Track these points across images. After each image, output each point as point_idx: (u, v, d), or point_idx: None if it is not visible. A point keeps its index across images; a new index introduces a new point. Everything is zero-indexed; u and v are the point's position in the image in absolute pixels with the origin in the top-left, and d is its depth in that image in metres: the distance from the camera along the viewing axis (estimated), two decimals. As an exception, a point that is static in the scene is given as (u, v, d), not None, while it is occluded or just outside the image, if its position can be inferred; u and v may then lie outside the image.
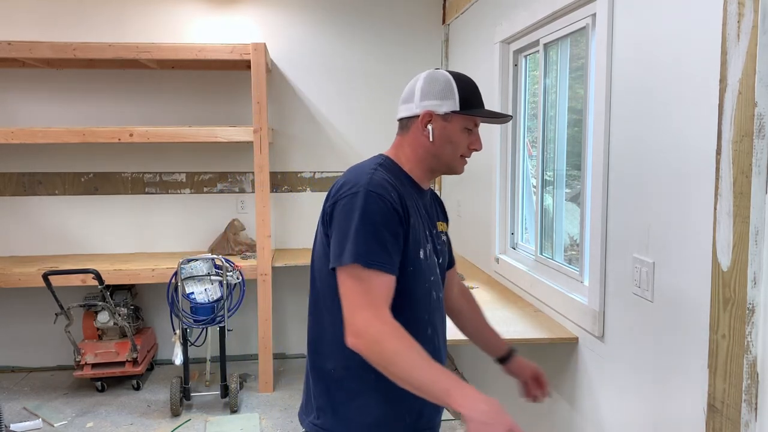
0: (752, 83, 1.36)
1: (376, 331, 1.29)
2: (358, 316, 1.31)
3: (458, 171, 1.57)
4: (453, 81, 1.51)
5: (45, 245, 4.20)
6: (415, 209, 1.49)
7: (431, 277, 1.52)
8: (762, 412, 1.41)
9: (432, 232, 1.58)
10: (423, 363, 1.27)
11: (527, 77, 3.12)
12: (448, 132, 1.51)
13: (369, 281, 1.33)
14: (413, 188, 1.54)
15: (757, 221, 1.37)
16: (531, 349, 2.84)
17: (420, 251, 1.47)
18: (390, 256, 1.37)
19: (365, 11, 4.29)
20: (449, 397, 1.24)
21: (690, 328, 1.64)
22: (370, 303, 1.32)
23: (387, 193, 1.40)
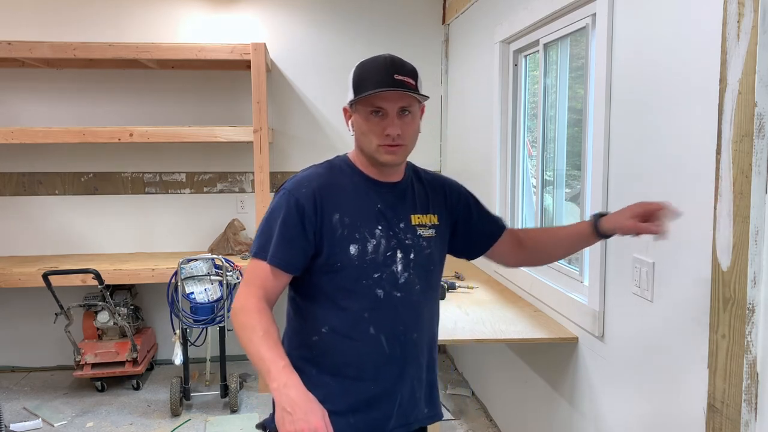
0: (752, 83, 1.36)
1: (238, 306, 1.42)
2: (239, 290, 1.46)
3: (384, 161, 1.47)
4: (354, 69, 1.50)
5: (45, 245, 4.20)
6: (355, 204, 1.48)
7: (375, 275, 1.47)
8: (762, 411, 1.41)
9: (395, 227, 1.50)
10: (257, 341, 1.34)
11: (527, 77, 3.12)
12: (357, 123, 1.49)
13: (255, 267, 1.46)
14: (365, 183, 1.51)
15: (757, 221, 1.37)
16: (531, 349, 2.85)
17: (351, 246, 1.45)
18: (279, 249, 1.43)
19: (365, 11, 4.29)
20: (268, 375, 1.30)
21: (690, 328, 1.64)
22: (246, 284, 1.45)
23: (298, 190, 1.46)
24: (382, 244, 1.48)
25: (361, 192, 1.50)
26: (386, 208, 1.51)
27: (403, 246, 1.51)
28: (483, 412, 3.55)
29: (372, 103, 1.44)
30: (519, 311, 2.67)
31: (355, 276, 1.46)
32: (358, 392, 1.50)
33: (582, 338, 2.30)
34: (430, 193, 1.63)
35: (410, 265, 1.52)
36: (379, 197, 1.51)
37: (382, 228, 1.49)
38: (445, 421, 3.42)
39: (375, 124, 1.45)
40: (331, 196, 1.46)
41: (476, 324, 2.47)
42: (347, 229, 1.45)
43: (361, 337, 1.48)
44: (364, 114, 1.46)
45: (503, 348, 3.22)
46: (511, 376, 3.11)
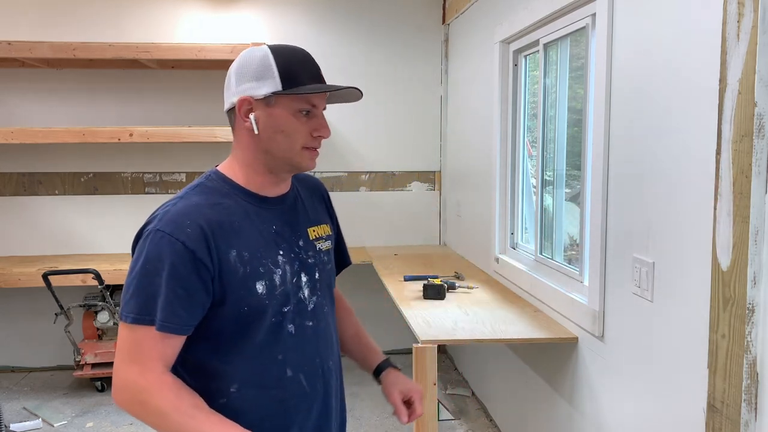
0: (752, 83, 1.36)
1: (137, 390, 1.14)
2: (120, 372, 1.16)
3: (304, 166, 1.27)
4: (271, 55, 1.23)
5: (45, 245, 4.20)
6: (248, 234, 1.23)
7: (285, 308, 1.25)
8: (762, 411, 1.41)
9: (295, 247, 1.30)
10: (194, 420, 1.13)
11: (527, 77, 3.12)
12: (276, 119, 1.22)
13: (136, 337, 1.16)
14: (252, 203, 1.26)
15: (757, 221, 1.37)
16: (531, 349, 2.85)
17: (258, 284, 1.21)
18: (169, 308, 1.14)
19: (365, 11, 4.29)
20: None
21: (690, 328, 1.64)
22: (134, 359, 1.15)
23: (180, 231, 1.16)
24: (287, 271, 1.26)
25: (252, 215, 1.25)
26: (282, 227, 1.29)
27: (307, 266, 1.31)
28: (483, 412, 3.56)
29: (308, 100, 1.24)
30: (519, 311, 2.67)
31: (267, 316, 1.23)
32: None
33: (582, 338, 2.30)
34: (313, 199, 1.43)
35: (317, 287, 1.33)
36: (273, 216, 1.29)
37: (283, 252, 1.27)
38: (445, 421, 3.42)
39: (303, 123, 1.24)
40: (221, 231, 1.19)
41: (476, 324, 2.47)
42: (249, 266, 1.21)
43: (279, 384, 1.26)
44: (291, 110, 1.22)
45: (503, 348, 3.22)
46: (511, 376, 3.11)
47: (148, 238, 1.19)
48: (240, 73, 1.25)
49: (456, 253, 4.09)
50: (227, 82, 1.29)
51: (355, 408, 3.62)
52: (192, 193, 1.25)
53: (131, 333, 1.16)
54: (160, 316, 1.15)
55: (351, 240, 1.70)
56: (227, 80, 1.29)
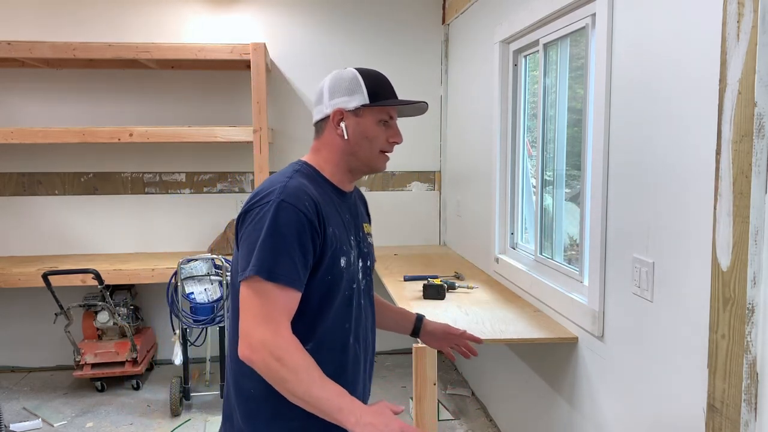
0: (752, 83, 1.36)
1: (275, 347, 1.26)
2: (257, 330, 1.28)
3: (379, 168, 1.53)
4: (359, 75, 1.49)
5: (45, 245, 4.20)
6: (336, 216, 1.45)
7: (353, 285, 1.48)
8: (762, 411, 1.41)
9: (358, 237, 1.54)
10: (319, 381, 1.27)
11: (527, 77, 3.12)
12: (362, 127, 1.48)
13: (270, 295, 1.30)
14: (334, 193, 1.50)
15: (757, 221, 1.37)
16: (531, 349, 2.85)
17: (341, 259, 1.43)
18: (296, 270, 1.32)
19: (365, 11, 4.29)
20: (341, 413, 1.25)
21: (690, 328, 1.64)
22: (269, 317, 1.28)
23: (300, 203, 1.35)
24: (352, 255, 1.49)
25: (335, 202, 1.49)
26: (350, 218, 1.53)
27: (363, 254, 1.55)
28: (483, 411, 3.56)
29: (388, 112, 1.49)
30: (519, 311, 2.67)
31: (343, 288, 1.44)
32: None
33: (582, 338, 2.30)
34: (359, 203, 1.67)
35: (367, 272, 1.57)
36: (345, 207, 1.53)
37: (353, 238, 1.51)
38: (445, 421, 3.42)
39: (382, 131, 1.49)
40: (324, 209, 1.41)
41: (476, 324, 2.47)
42: (338, 242, 1.43)
43: (344, 349, 1.47)
44: (375, 120, 1.48)
45: (503, 348, 3.22)
46: (511, 376, 3.11)
47: (273, 206, 1.34)
48: (333, 90, 1.49)
49: (456, 253, 4.09)
50: (318, 97, 1.53)
51: (355, 408, 3.62)
52: (297, 175, 1.45)
53: (262, 290, 1.30)
54: (288, 274, 1.31)
55: None
56: (318, 96, 1.53)
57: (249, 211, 1.38)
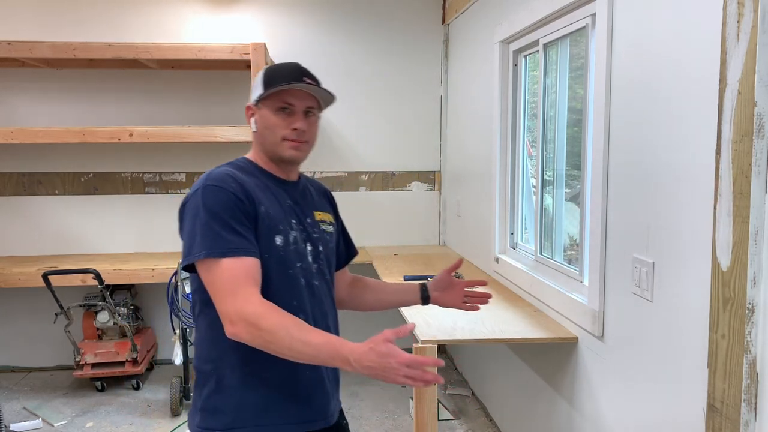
0: (752, 83, 1.36)
1: (250, 313, 1.31)
2: (229, 304, 1.33)
3: (285, 156, 1.54)
4: (263, 70, 1.56)
5: (45, 245, 4.20)
6: (269, 199, 1.50)
7: (298, 264, 1.51)
8: (761, 411, 1.41)
9: (304, 222, 1.58)
10: (300, 336, 1.30)
11: (527, 77, 3.12)
12: (263, 118, 1.53)
13: (228, 269, 1.35)
14: (270, 180, 1.56)
15: (757, 221, 1.37)
16: (531, 349, 2.85)
17: (277, 237, 1.48)
18: (242, 238, 1.39)
19: (365, 11, 4.29)
20: (334, 361, 1.29)
21: (689, 328, 1.64)
22: (235, 290, 1.34)
23: (226, 184, 1.43)
24: (293, 235, 1.53)
25: (272, 188, 1.54)
26: (295, 203, 1.58)
27: (312, 239, 1.58)
28: (483, 411, 3.56)
29: (282, 99, 1.51)
30: (519, 311, 2.67)
31: (282, 266, 1.48)
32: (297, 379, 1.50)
33: (582, 338, 2.30)
34: (319, 195, 1.72)
35: (319, 257, 1.59)
36: (288, 194, 1.58)
37: (295, 221, 1.55)
38: (445, 421, 3.42)
39: (282, 119, 1.52)
40: (253, 190, 1.47)
41: (476, 324, 2.47)
42: (272, 221, 1.48)
43: None
44: (271, 109, 1.52)
45: (503, 348, 3.22)
46: (511, 376, 3.11)
47: (201, 192, 1.42)
48: (252, 89, 1.59)
49: (456, 253, 4.09)
50: None
51: (355, 408, 3.62)
52: (225, 166, 1.53)
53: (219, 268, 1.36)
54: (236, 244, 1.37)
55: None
56: None
57: (183, 205, 1.47)
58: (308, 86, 1.51)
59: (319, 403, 1.56)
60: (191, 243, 1.40)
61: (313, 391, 1.54)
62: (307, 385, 1.53)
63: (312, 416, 1.54)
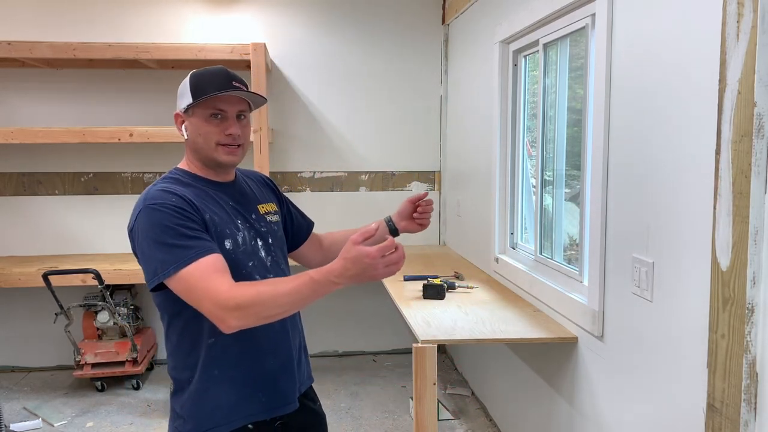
0: (751, 83, 1.36)
1: (228, 303, 1.35)
2: (209, 305, 1.37)
3: (222, 161, 1.56)
4: (188, 78, 1.57)
5: (45, 245, 4.20)
6: (212, 205, 1.54)
7: (250, 263, 1.56)
8: (761, 411, 1.41)
9: (250, 218, 1.62)
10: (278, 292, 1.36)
11: (527, 77, 3.12)
12: (194, 125, 1.55)
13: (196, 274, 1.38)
14: (208, 186, 1.59)
15: (757, 221, 1.37)
16: (531, 349, 2.85)
17: (226, 242, 1.52)
18: (197, 240, 1.42)
19: (365, 11, 4.29)
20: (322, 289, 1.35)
21: (689, 328, 1.65)
22: (208, 287, 1.37)
23: (164, 200, 1.46)
24: (246, 235, 1.58)
25: (211, 194, 1.57)
26: (236, 203, 1.62)
27: (260, 233, 1.63)
28: (482, 411, 3.56)
29: (214, 105, 1.53)
30: (519, 311, 2.67)
31: (235, 269, 1.50)
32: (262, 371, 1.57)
33: (581, 338, 2.30)
34: (259, 186, 1.77)
35: (270, 249, 1.64)
36: (227, 196, 1.61)
37: (240, 222, 1.59)
38: (445, 421, 3.42)
39: (215, 126, 1.54)
40: (196, 199, 1.50)
41: (476, 324, 2.48)
42: (218, 227, 1.51)
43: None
44: (203, 117, 1.54)
45: (503, 348, 3.22)
46: (511, 376, 3.11)
47: (143, 214, 1.46)
48: (178, 97, 1.60)
49: (456, 253, 4.09)
50: None
51: (355, 408, 3.62)
52: (162, 182, 1.56)
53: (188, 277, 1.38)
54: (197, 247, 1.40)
55: None
56: None
57: (131, 231, 1.52)
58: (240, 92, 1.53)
59: (285, 388, 1.63)
60: (154, 264, 1.42)
61: (278, 378, 1.61)
62: (273, 373, 1.60)
63: (280, 402, 1.62)
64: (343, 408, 3.60)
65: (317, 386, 1.84)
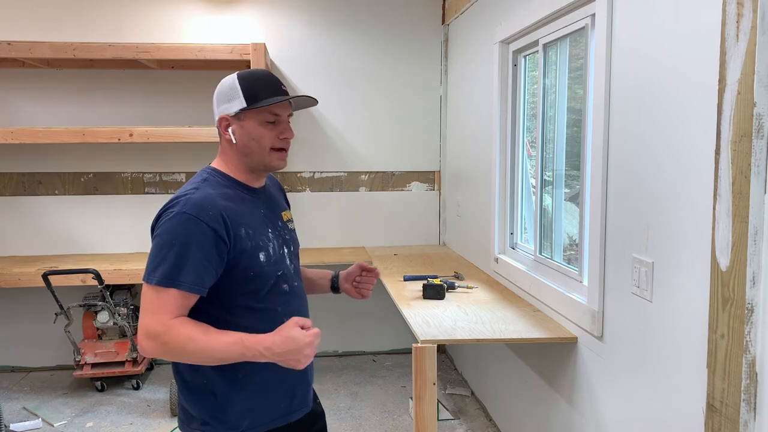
0: (751, 83, 1.36)
1: (160, 330, 1.39)
2: (145, 321, 1.41)
3: (275, 165, 1.59)
4: (237, 80, 1.56)
5: (45, 245, 4.20)
6: (250, 214, 1.56)
7: (279, 272, 1.59)
8: (761, 411, 1.41)
9: (277, 226, 1.65)
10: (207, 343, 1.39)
11: (526, 77, 3.12)
12: (247, 130, 1.55)
13: (168, 297, 1.42)
14: (246, 192, 1.60)
15: (756, 221, 1.37)
16: (530, 349, 2.85)
17: (260, 254, 1.54)
18: (199, 276, 1.43)
19: (365, 11, 4.29)
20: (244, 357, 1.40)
21: (689, 328, 1.65)
22: (157, 309, 1.41)
23: (203, 213, 1.45)
24: (275, 245, 1.60)
25: (247, 201, 1.59)
26: (267, 211, 1.64)
27: (286, 241, 1.66)
28: (482, 411, 3.56)
29: (270, 111, 1.55)
30: (518, 311, 2.67)
31: (268, 279, 1.55)
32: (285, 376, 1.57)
33: (581, 338, 2.30)
34: (277, 192, 1.80)
35: (293, 257, 1.69)
36: (260, 202, 1.63)
37: (271, 230, 1.61)
38: (445, 421, 3.42)
39: (270, 130, 1.56)
40: (233, 213, 1.51)
41: (476, 324, 2.48)
42: (253, 240, 1.53)
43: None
44: (258, 121, 1.54)
45: (503, 348, 3.22)
46: (511, 376, 3.12)
47: (175, 218, 1.45)
48: (218, 98, 1.59)
49: (456, 253, 4.09)
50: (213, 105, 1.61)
51: (355, 408, 3.62)
52: (204, 185, 1.53)
53: (156, 293, 1.42)
54: (187, 280, 1.42)
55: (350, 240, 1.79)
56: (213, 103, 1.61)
57: (159, 218, 1.50)
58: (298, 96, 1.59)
59: (302, 393, 1.66)
60: (152, 263, 1.44)
61: (297, 385, 1.64)
62: (294, 380, 1.62)
63: (296, 406, 1.65)
64: (343, 408, 3.61)
65: (317, 386, 1.86)
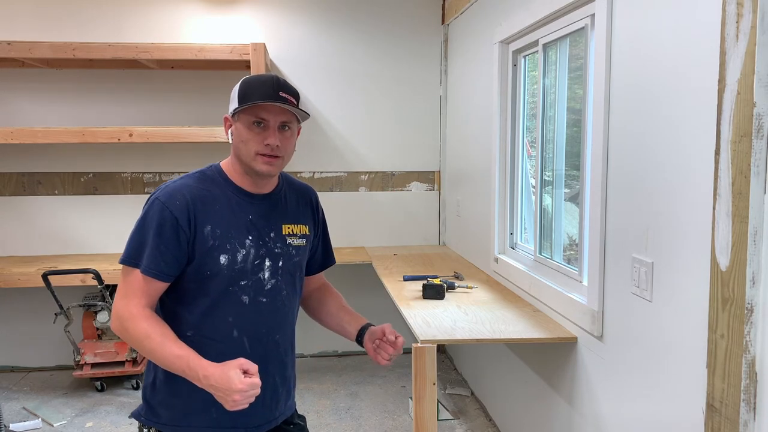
0: (751, 83, 1.36)
1: (124, 319, 1.47)
2: (116, 303, 1.50)
3: (258, 170, 1.54)
4: (240, 81, 1.57)
5: (45, 245, 4.20)
6: (225, 216, 1.54)
7: (242, 282, 1.56)
8: (761, 411, 1.41)
9: (266, 237, 1.59)
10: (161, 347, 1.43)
11: (526, 77, 3.12)
12: (238, 131, 1.55)
13: (132, 278, 1.50)
14: (236, 194, 1.59)
15: (756, 221, 1.37)
16: (530, 349, 2.85)
17: (222, 256, 1.53)
18: (156, 261, 1.48)
19: (365, 11, 4.29)
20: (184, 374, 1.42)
21: (689, 328, 1.65)
22: (127, 294, 1.49)
23: (171, 201, 1.51)
24: (251, 253, 1.57)
25: (233, 204, 1.57)
26: (257, 218, 1.60)
27: (272, 254, 1.61)
28: (482, 411, 3.56)
29: (256, 113, 1.52)
30: (518, 311, 2.67)
31: (223, 284, 1.54)
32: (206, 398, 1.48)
33: (581, 338, 2.30)
34: (301, 204, 1.72)
35: (278, 273, 1.62)
36: (251, 208, 1.59)
37: (252, 238, 1.57)
38: (445, 421, 3.42)
39: (256, 134, 1.53)
40: (203, 208, 1.53)
41: (475, 324, 2.48)
42: (218, 240, 1.53)
43: (224, 340, 1.57)
44: (246, 123, 1.53)
45: (502, 348, 3.22)
46: (511, 376, 3.12)
47: (149, 203, 1.54)
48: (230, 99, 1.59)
49: (455, 253, 4.09)
50: None
51: (355, 408, 3.62)
52: (191, 176, 1.60)
53: (124, 275, 1.51)
54: (145, 263, 1.49)
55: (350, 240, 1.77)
56: None
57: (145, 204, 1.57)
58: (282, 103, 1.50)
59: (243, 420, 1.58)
60: (126, 244, 1.53)
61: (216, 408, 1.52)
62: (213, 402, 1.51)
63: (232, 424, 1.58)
64: (343, 408, 3.60)
65: (317, 386, 1.85)
